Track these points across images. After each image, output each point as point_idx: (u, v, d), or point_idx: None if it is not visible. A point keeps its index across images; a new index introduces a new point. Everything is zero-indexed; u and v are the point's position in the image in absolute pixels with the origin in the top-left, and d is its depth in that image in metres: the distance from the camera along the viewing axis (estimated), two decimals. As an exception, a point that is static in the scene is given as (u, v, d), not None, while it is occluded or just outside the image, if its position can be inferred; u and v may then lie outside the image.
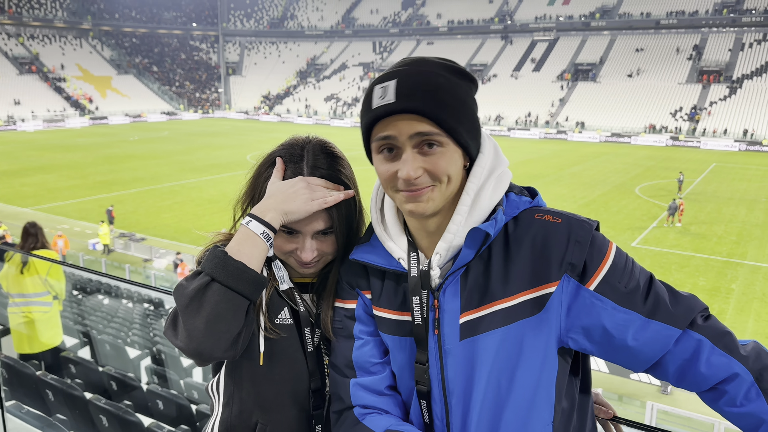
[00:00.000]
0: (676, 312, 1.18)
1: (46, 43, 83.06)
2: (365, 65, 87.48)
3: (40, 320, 5.31)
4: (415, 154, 1.19)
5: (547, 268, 1.20)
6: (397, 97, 1.17)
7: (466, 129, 1.21)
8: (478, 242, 1.22)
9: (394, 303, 1.34)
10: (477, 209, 1.25)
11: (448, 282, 1.26)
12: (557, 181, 33.55)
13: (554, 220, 1.23)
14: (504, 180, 1.30)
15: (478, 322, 1.23)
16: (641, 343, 1.18)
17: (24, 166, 37.37)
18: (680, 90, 64.04)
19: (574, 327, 1.20)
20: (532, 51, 78.87)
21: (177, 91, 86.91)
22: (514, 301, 1.21)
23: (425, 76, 1.19)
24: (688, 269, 19.75)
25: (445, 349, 1.26)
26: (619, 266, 1.20)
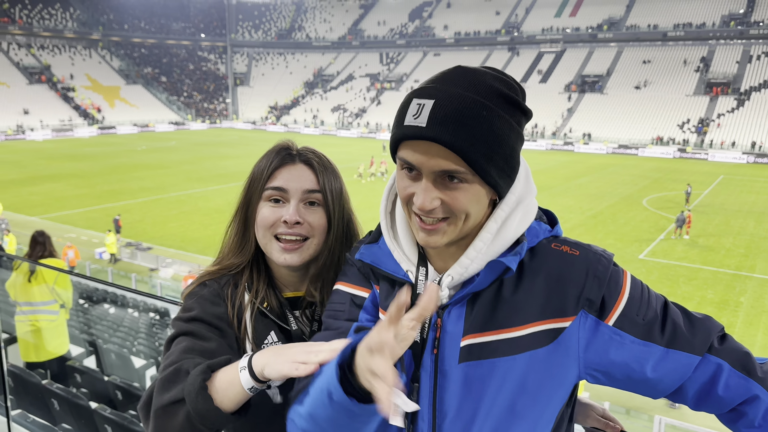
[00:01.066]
0: (694, 338, 1.16)
1: (56, 54, 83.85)
2: (372, 76, 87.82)
3: (47, 329, 5.32)
4: (434, 185, 1.12)
5: (563, 301, 1.16)
6: (429, 122, 1.09)
7: (497, 168, 1.12)
8: (495, 274, 1.18)
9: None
10: (500, 239, 1.20)
11: (455, 304, 1.21)
12: (564, 192, 33.47)
13: (572, 252, 1.20)
14: (531, 211, 1.24)
15: (481, 348, 1.19)
16: (661, 374, 1.16)
17: (32, 175, 37.62)
18: (688, 102, 63.94)
19: (593, 363, 1.18)
20: (538, 62, 79.01)
21: (185, 102, 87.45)
22: (522, 331, 1.17)
23: (466, 103, 1.09)
24: (696, 282, 19.62)
25: (441, 370, 1.21)
26: (636, 297, 1.18)
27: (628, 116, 63.87)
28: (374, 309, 1.34)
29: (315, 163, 1.52)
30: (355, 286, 1.36)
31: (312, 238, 1.48)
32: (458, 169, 1.10)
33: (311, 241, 1.48)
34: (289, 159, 1.50)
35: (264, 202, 1.48)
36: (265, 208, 1.47)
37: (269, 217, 1.46)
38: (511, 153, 1.14)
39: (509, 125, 1.12)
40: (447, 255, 1.24)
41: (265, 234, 1.47)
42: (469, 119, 1.08)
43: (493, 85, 1.13)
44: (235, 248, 1.54)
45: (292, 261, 1.47)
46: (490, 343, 1.18)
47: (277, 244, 1.47)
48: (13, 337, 5.32)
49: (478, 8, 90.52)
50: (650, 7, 76.88)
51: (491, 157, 1.11)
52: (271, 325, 1.49)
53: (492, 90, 1.12)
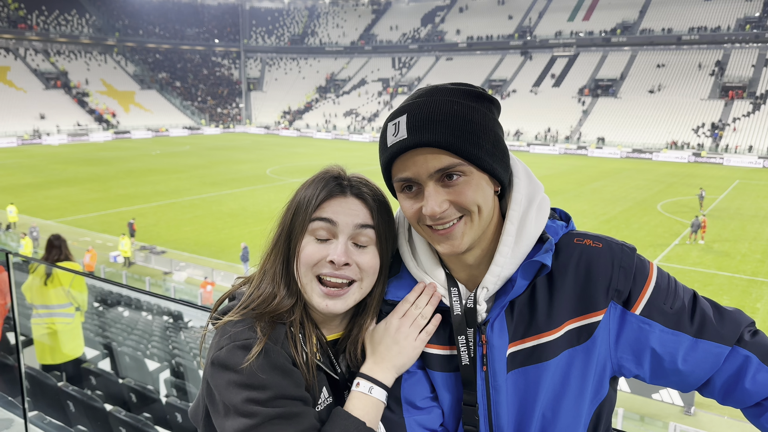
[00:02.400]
0: (723, 329, 1.16)
1: (72, 59, 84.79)
2: (384, 81, 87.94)
3: (63, 331, 5.37)
4: (437, 188, 1.14)
5: (594, 295, 1.17)
6: (408, 132, 1.12)
7: (488, 153, 1.14)
8: (531, 274, 1.18)
9: (442, 338, 1.28)
10: (523, 239, 1.20)
11: (495, 316, 1.21)
12: (577, 197, 33.28)
13: (595, 245, 1.20)
14: (545, 207, 1.26)
15: (526, 354, 1.20)
16: (692, 364, 1.16)
17: (48, 179, 38.03)
18: (702, 106, 63.40)
19: (625, 354, 1.18)
20: (551, 66, 78.72)
21: (199, 106, 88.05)
22: (560, 332, 1.18)
23: (435, 105, 1.13)
24: (712, 287, 19.41)
25: (493, 385, 1.22)
26: (663, 287, 1.19)
27: (642, 120, 63.41)
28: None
29: (368, 197, 1.32)
30: None
31: (359, 282, 1.29)
32: (452, 162, 1.12)
33: (358, 285, 1.29)
34: (339, 190, 1.30)
35: (308, 237, 1.28)
36: (310, 245, 1.28)
37: (314, 255, 1.27)
38: (495, 137, 1.17)
39: (482, 113, 1.15)
40: (472, 270, 1.25)
41: (307, 273, 1.28)
42: (444, 115, 1.12)
43: (453, 88, 1.18)
44: (281, 284, 1.31)
45: (335, 308, 1.28)
46: (533, 348, 1.19)
47: (319, 288, 1.27)
48: (29, 339, 5.38)
49: (491, 12, 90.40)
50: (664, 10, 76.36)
51: (477, 142, 1.13)
52: (322, 377, 1.31)
53: (452, 91, 1.17)
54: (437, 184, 1.14)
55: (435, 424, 1.29)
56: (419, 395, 1.29)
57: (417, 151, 1.13)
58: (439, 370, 1.28)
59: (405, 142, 1.13)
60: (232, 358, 1.18)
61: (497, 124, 1.19)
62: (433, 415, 1.29)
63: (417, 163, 1.13)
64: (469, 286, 1.26)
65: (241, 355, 1.18)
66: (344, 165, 1.42)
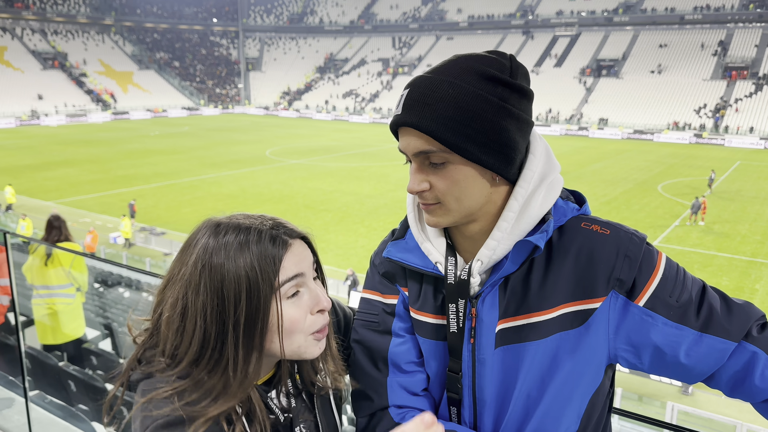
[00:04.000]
0: (730, 324, 1.12)
1: (69, 39, 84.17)
2: (384, 61, 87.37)
3: (64, 312, 5.38)
4: (421, 168, 1.15)
5: (593, 282, 1.14)
6: (403, 109, 1.13)
7: (478, 143, 1.09)
8: (524, 254, 1.16)
9: (433, 306, 1.28)
10: (525, 217, 1.17)
11: (487, 291, 1.20)
12: (578, 178, 33.25)
13: (602, 231, 1.17)
14: (556, 187, 1.22)
15: (515, 332, 1.18)
16: (695, 359, 1.13)
17: (47, 161, 37.95)
18: (705, 86, 63.08)
19: (624, 345, 1.16)
20: (553, 46, 78.17)
21: (197, 87, 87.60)
22: (553, 313, 1.16)
23: (435, 85, 1.10)
24: (711, 268, 19.47)
25: (479, 358, 1.22)
26: (670, 278, 1.14)
27: (644, 101, 63.14)
28: (406, 313, 1.33)
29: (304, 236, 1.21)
30: (384, 295, 1.36)
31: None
32: (431, 149, 1.11)
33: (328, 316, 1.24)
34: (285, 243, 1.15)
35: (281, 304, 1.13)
36: (287, 309, 1.13)
37: (300, 318, 1.14)
38: (493, 127, 1.10)
39: (483, 99, 1.09)
40: (474, 242, 1.23)
41: (297, 338, 1.15)
42: (432, 99, 1.09)
43: (468, 65, 1.12)
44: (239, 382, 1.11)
45: (324, 346, 1.22)
46: (523, 326, 1.18)
47: (311, 339, 1.17)
48: (30, 319, 5.40)
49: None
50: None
51: (464, 132, 1.09)
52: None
53: (465, 69, 1.11)
54: (423, 164, 1.15)
55: (417, 388, 1.31)
56: (405, 359, 1.31)
57: (407, 130, 1.14)
58: (427, 337, 1.29)
59: (398, 118, 1.15)
60: None
61: (505, 113, 1.11)
62: (416, 379, 1.31)
63: (405, 140, 1.15)
64: (467, 258, 1.25)
65: None
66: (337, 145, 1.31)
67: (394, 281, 1.35)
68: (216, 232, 1.16)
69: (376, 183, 31.75)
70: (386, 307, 1.35)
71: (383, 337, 1.33)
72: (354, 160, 38.96)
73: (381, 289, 1.37)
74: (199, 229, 1.20)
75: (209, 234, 1.16)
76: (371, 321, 1.35)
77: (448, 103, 1.09)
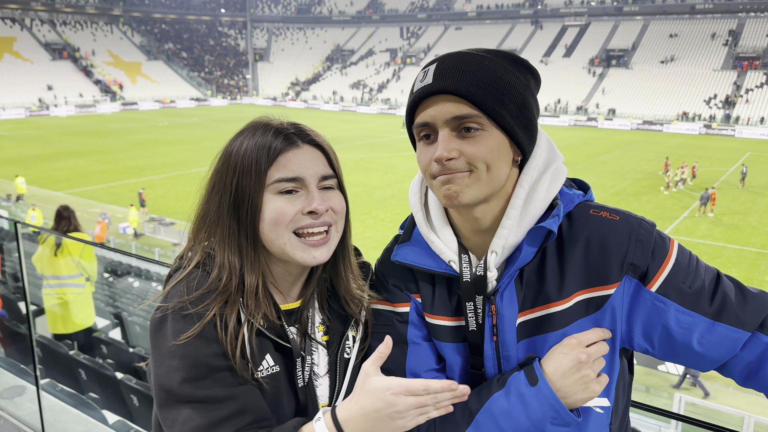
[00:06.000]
0: (744, 313, 1.10)
1: (78, 30, 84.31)
2: (392, 51, 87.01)
3: (74, 302, 5.43)
4: (451, 136, 1.12)
5: (607, 268, 1.13)
6: (434, 78, 1.12)
7: (511, 114, 1.12)
8: (539, 240, 1.15)
9: (449, 309, 1.25)
10: (533, 203, 1.17)
11: (504, 285, 1.18)
12: (587, 169, 33.08)
13: (612, 218, 1.16)
14: (560, 175, 1.22)
15: (535, 324, 1.18)
16: (707, 347, 1.12)
17: (56, 151, 38.14)
18: (715, 77, 62.47)
19: (636, 329, 1.15)
20: (562, 36, 77.56)
21: (205, 77, 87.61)
22: (569, 302, 1.15)
23: (468, 57, 1.14)
24: (720, 260, 19.36)
25: (503, 356, 1.20)
26: (683, 265, 1.14)
27: (654, 91, 62.63)
28: (420, 320, 1.30)
29: (322, 144, 1.27)
30: (394, 304, 1.32)
31: (335, 225, 1.25)
32: (470, 113, 1.10)
33: (334, 228, 1.26)
34: (289, 142, 1.22)
35: (270, 195, 1.20)
36: (278, 202, 1.19)
37: (287, 211, 1.19)
38: (523, 101, 1.14)
39: (515, 76, 1.14)
40: (482, 236, 1.22)
41: (281, 232, 1.19)
42: (472, 66, 1.12)
43: (493, 50, 1.18)
44: (244, 255, 1.21)
45: (322, 258, 1.23)
46: (543, 317, 1.17)
47: (299, 242, 1.20)
48: (40, 309, 5.45)
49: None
50: (678, -22, 74.89)
51: (501, 100, 1.11)
52: (266, 344, 1.22)
53: (492, 51, 1.17)
54: (452, 132, 1.12)
55: None
56: (424, 367, 1.27)
57: (439, 97, 1.12)
58: (447, 341, 1.26)
59: (429, 88, 1.13)
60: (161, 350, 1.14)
61: (530, 93, 1.17)
62: None
63: (436, 107, 1.12)
64: (478, 255, 1.23)
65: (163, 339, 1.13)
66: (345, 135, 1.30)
67: (405, 289, 1.31)
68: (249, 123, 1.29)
69: (383, 174, 31.70)
70: (398, 317, 1.31)
71: (399, 347, 1.28)
72: (362, 151, 38.90)
73: (391, 299, 1.33)
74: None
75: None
76: (385, 333, 1.27)
77: (486, 71, 1.11)
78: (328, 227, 1.23)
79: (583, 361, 1.09)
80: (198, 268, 1.21)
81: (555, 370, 1.10)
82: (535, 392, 1.09)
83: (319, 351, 1.29)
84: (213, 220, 1.24)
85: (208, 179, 1.29)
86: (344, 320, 1.33)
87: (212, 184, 1.26)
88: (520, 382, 1.12)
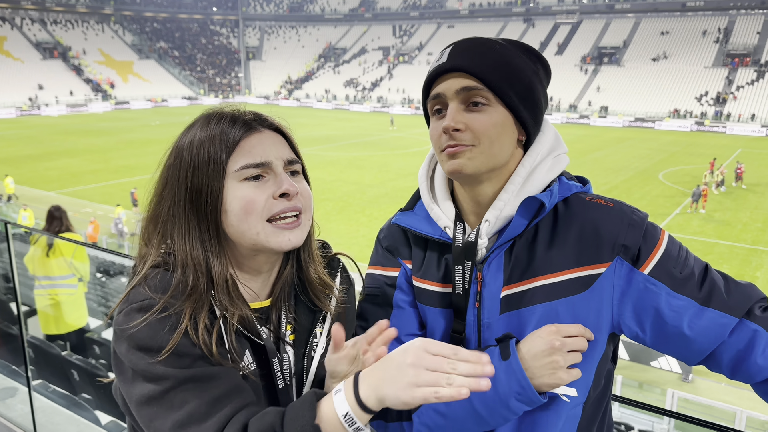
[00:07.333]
0: (731, 300, 1.14)
1: (69, 29, 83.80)
2: (385, 49, 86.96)
3: (66, 302, 5.41)
4: (459, 108, 1.19)
5: (598, 248, 1.18)
6: (449, 58, 1.21)
7: (517, 93, 1.19)
8: (531, 212, 1.20)
9: (437, 275, 1.30)
10: (531, 182, 1.24)
11: (493, 255, 1.23)
12: (579, 166, 33.17)
13: (606, 204, 1.22)
14: (561, 161, 1.29)
15: (520, 297, 1.21)
16: (696, 332, 1.14)
17: (48, 151, 37.91)
18: (706, 74, 62.77)
19: (627, 312, 1.18)
20: (554, 34, 77.74)
21: (198, 76, 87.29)
22: (558, 278, 1.19)
23: (481, 41, 1.23)
24: (712, 256, 19.47)
25: (484, 322, 1.24)
26: (673, 253, 1.18)
27: (645, 89, 62.87)
28: (408, 286, 1.36)
29: (284, 129, 1.25)
30: (385, 268, 1.39)
31: (304, 212, 1.21)
32: (477, 86, 1.18)
33: (304, 216, 1.21)
34: (249, 128, 1.18)
35: (234, 183, 1.14)
36: (244, 190, 1.13)
37: (257, 199, 1.13)
38: (530, 85, 1.21)
39: (524, 61, 1.22)
40: (481, 208, 1.27)
41: (254, 222, 1.14)
42: (484, 48, 1.21)
43: (507, 38, 1.27)
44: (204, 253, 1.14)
45: (297, 240, 1.18)
46: (528, 291, 1.21)
47: (272, 227, 1.15)
48: (32, 309, 5.42)
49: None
50: (669, -24, 75.18)
51: (509, 80, 1.19)
52: (244, 343, 1.16)
53: (506, 39, 1.26)
54: (461, 105, 1.19)
55: None
56: (404, 331, 1.33)
57: (451, 74, 1.20)
58: (432, 305, 1.31)
59: (442, 66, 1.21)
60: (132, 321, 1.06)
61: (537, 79, 1.23)
62: None
63: (448, 82, 1.20)
64: (474, 226, 1.29)
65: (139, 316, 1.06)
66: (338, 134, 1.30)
67: (397, 254, 1.38)
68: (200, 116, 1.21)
69: (377, 172, 31.70)
70: (387, 280, 1.38)
71: (384, 309, 1.36)
72: (355, 150, 38.87)
73: (383, 262, 1.40)
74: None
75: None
76: (373, 294, 1.38)
77: (496, 53, 1.21)
78: (298, 213, 1.19)
79: (556, 348, 1.11)
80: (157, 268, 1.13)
81: (528, 351, 1.14)
82: (505, 366, 1.13)
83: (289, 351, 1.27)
84: (167, 220, 1.17)
85: (158, 178, 1.22)
86: (312, 317, 1.30)
87: (164, 182, 1.20)
88: (493, 355, 1.16)
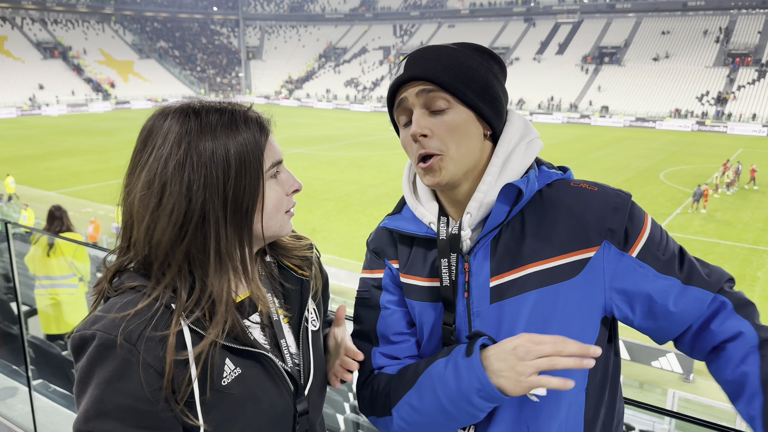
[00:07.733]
0: (709, 277, 1.22)
1: (70, 28, 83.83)
2: (385, 49, 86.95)
3: (67, 302, 5.40)
4: (423, 114, 1.22)
5: (586, 232, 1.20)
6: (405, 69, 1.24)
7: (475, 92, 1.22)
8: (511, 199, 1.22)
9: (423, 270, 1.33)
10: (508, 170, 1.26)
11: (479, 246, 1.25)
12: (580, 166, 33.17)
13: (590, 188, 1.25)
14: (534, 146, 1.30)
15: (509, 286, 1.22)
16: (681, 308, 1.19)
17: (48, 150, 37.93)
18: (707, 74, 62.74)
19: (617, 294, 1.21)
20: (555, 34, 77.71)
21: (198, 76, 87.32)
22: (548, 264, 1.20)
23: (434, 48, 1.26)
24: (713, 256, 19.45)
25: (473, 311, 1.25)
26: (656, 236, 1.23)
27: (646, 88, 62.85)
28: (394, 286, 1.39)
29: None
30: (371, 271, 1.43)
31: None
32: (434, 88, 1.21)
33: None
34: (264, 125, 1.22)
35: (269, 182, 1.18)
36: (274, 188, 1.19)
37: (282, 195, 1.20)
38: (486, 82, 1.24)
39: (477, 61, 1.25)
40: (462, 206, 1.30)
41: (280, 216, 1.20)
42: (437, 54, 1.24)
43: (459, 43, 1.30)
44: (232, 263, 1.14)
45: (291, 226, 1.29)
46: (518, 279, 1.22)
47: (286, 218, 1.23)
48: (33, 309, 5.42)
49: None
50: (670, -25, 75.14)
51: (463, 80, 1.21)
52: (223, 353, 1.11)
53: (458, 43, 1.29)
54: (424, 111, 1.23)
55: (401, 354, 1.37)
56: (393, 330, 1.37)
57: (410, 84, 1.24)
58: (419, 300, 1.33)
59: (400, 77, 1.25)
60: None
61: (493, 75, 1.26)
62: (402, 347, 1.37)
63: (408, 91, 1.24)
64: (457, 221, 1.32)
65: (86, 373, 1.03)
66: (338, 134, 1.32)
67: (383, 255, 1.41)
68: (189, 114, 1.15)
69: (377, 172, 31.70)
70: (374, 282, 1.42)
71: (373, 311, 1.40)
72: (355, 149, 38.87)
73: (371, 266, 1.44)
74: (158, 116, 1.17)
75: (180, 117, 1.14)
76: (363, 297, 1.43)
77: (449, 58, 1.23)
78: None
79: (519, 356, 1.09)
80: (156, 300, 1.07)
81: (493, 351, 1.14)
82: (467, 363, 1.15)
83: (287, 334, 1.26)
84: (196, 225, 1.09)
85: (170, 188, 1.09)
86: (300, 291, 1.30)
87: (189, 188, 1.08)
88: (459, 352, 1.18)
